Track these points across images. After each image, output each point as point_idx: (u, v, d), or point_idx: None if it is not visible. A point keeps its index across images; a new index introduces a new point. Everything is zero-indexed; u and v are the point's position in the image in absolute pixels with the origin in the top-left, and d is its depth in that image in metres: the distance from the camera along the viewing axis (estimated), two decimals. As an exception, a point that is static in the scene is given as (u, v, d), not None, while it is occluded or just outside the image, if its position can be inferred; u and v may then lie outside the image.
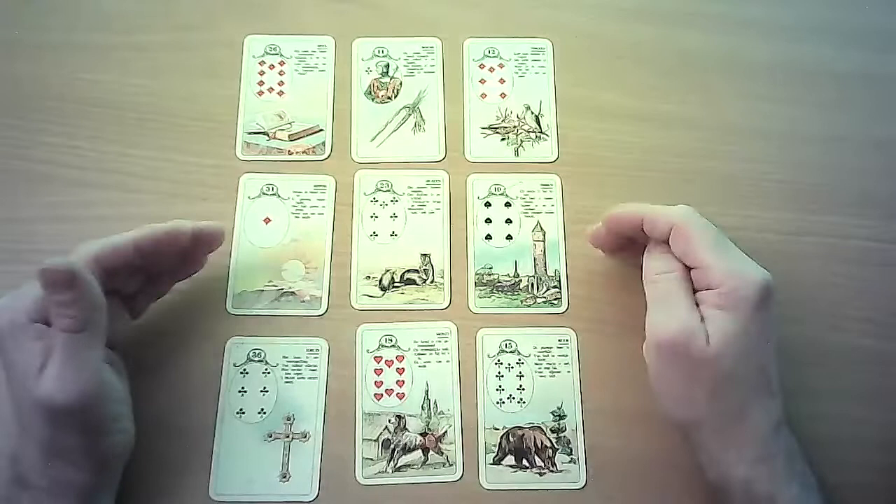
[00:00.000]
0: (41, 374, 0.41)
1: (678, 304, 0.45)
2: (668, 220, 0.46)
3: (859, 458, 0.50)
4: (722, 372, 0.43)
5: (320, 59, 0.61)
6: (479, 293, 0.54)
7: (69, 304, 0.41)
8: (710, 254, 0.45)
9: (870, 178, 0.58)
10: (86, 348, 0.42)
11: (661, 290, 0.46)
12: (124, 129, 0.58)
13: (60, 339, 0.41)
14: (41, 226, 0.54)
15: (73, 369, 0.41)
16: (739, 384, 0.44)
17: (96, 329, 0.43)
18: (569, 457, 0.50)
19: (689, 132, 0.59)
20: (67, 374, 0.41)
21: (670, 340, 0.44)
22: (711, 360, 0.43)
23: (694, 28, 0.63)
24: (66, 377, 0.41)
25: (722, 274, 0.44)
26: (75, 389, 0.41)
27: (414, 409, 0.51)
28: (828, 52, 0.62)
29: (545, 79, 0.61)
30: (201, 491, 0.48)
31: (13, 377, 0.43)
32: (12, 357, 0.42)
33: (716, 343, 0.43)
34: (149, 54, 0.60)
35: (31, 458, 0.42)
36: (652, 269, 0.47)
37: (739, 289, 0.44)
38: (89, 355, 0.42)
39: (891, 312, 0.54)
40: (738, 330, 0.43)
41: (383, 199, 0.56)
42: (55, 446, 0.42)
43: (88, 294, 0.42)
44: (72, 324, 0.41)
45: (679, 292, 0.45)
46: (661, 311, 0.45)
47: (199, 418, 0.50)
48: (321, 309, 0.53)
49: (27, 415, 0.42)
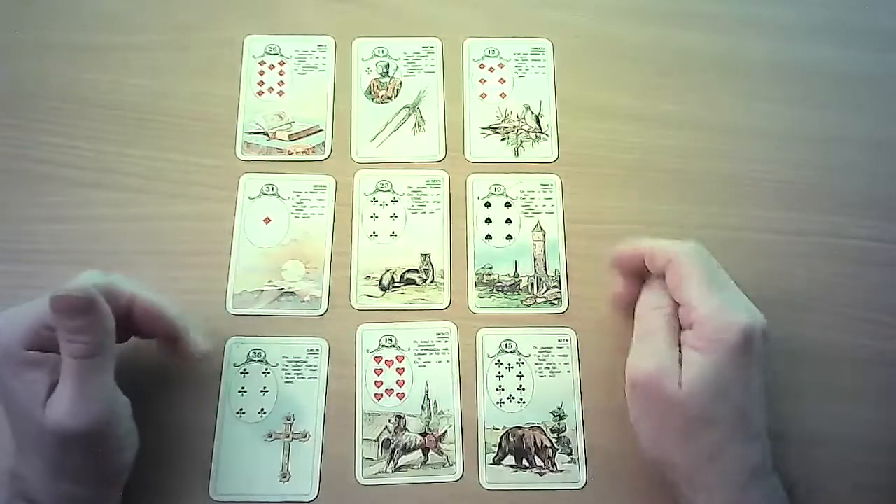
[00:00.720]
0: (49, 402, 0.41)
1: (658, 343, 0.44)
2: (666, 255, 0.46)
3: (859, 458, 0.50)
4: (693, 414, 0.43)
5: (320, 59, 0.61)
6: (479, 293, 0.54)
7: (83, 330, 0.41)
8: (698, 292, 0.44)
9: (870, 178, 0.58)
10: (98, 374, 0.42)
11: (647, 326, 0.46)
12: (124, 129, 0.58)
13: (72, 365, 0.41)
14: (41, 226, 0.54)
15: (87, 396, 0.41)
16: (712, 427, 0.43)
17: (108, 353, 0.42)
18: (569, 457, 0.50)
19: (689, 132, 0.59)
20: (81, 401, 0.41)
21: (644, 379, 0.44)
22: (682, 402, 0.42)
23: (694, 28, 0.63)
24: (79, 403, 0.40)
25: (705, 314, 0.43)
26: (88, 416, 0.41)
27: (414, 409, 0.51)
28: (828, 52, 0.62)
29: (545, 79, 0.61)
30: (201, 491, 0.48)
31: (13, 406, 0.42)
32: (10, 385, 0.42)
33: (687, 386, 0.42)
34: (149, 54, 0.60)
35: (37, 477, 0.42)
36: (643, 303, 0.47)
37: (719, 331, 0.43)
38: (102, 380, 0.42)
39: (891, 312, 0.54)
40: (713, 373, 0.42)
41: (383, 199, 0.56)
42: (65, 468, 0.42)
43: (101, 320, 0.42)
44: (85, 350, 0.41)
45: (663, 330, 0.45)
46: (641, 348, 0.45)
47: (199, 418, 0.50)
48: (321, 309, 0.53)
49: (33, 440, 0.42)
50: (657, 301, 0.46)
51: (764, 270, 0.47)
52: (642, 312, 0.47)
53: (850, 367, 0.52)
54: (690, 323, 0.44)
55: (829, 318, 0.54)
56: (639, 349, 0.45)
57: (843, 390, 0.52)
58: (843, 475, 0.48)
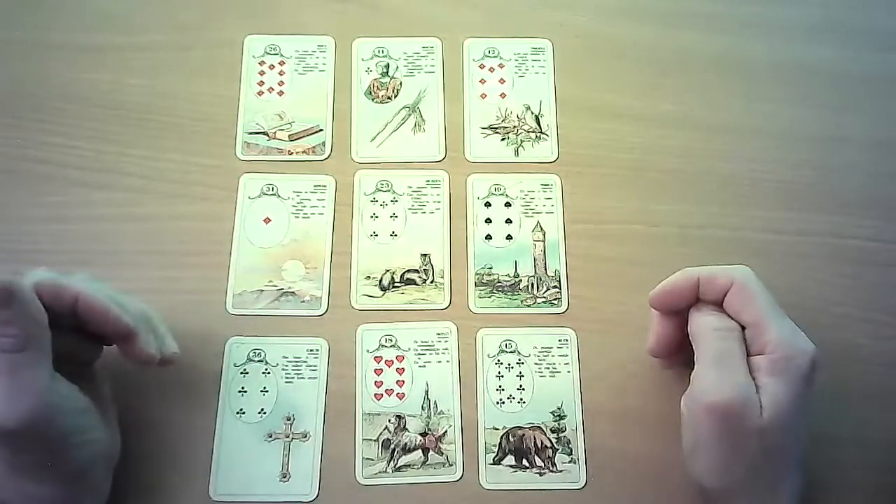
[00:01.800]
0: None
1: (736, 368, 0.43)
2: (730, 278, 0.45)
3: (859, 458, 0.50)
4: (770, 443, 0.42)
5: (320, 59, 0.61)
6: (479, 293, 0.54)
7: (9, 322, 0.39)
8: (768, 315, 0.43)
9: (870, 178, 0.58)
10: (28, 367, 0.40)
11: (719, 348, 0.44)
12: (124, 129, 0.58)
13: (1, 360, 0.39)
14: (41, 226, 0.54)
15: (16, 391, 0.39)
16: (779, 458, 0.43)
17: (40, 347, 0.41)
18: (569, 457, 0.50)
19: (689, 132, 0.59)
20: (10, 397, 0.39)
21: (725, 406, 0.42)
22: (763, 431, 0.41)
23: (694, 28, 0.63)
24: (8, 400, 0.39)
25: (777, 339, 0.43)
26: (19, 412, 0.39)
27: (414, 409, 0.51)
28: (828, 52, 0.62)
29: (545, 79, 0.61)
30: (201, 491, 0.48)
31: None
32: None
33: (768, 414, 0.41)
34: (149, 54, 0.60)
35: (4, 481, 0.41)
36: (708, 324, 0.45)
37: (793, 357, 0.42)
38: (33, 374, 0.40)
39: (891, 312, 0.54)
40: (790, 401, 0.42)
41: (383, 199, 0.56)
42: (22, 467, 0.41)
43: (28, 312, 0.40)
44: (12, 343, 0.39)
45: (738, 354, 0.43)
46: (717, 372, 0.43)
47: (199, 418, 0.50)
48: (321, 309, 0.53)
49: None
50: (723, 322, 0.45)
51: (764, 270, 0.47)
52: (704, 334, 0.45)
53: (850, 367, 0.52)
54: (761, 347, 0.43)
55: (829, 318, 0.54)
56: (713, 371, 0.43)
57: (843, 390, 0.52)
58: (843, 475, 0.48)
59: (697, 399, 0.43)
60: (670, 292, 0.47)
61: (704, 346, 0.44)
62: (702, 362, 0.44)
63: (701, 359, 0.44)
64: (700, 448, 0.44)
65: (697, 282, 0.46)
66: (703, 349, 0.44)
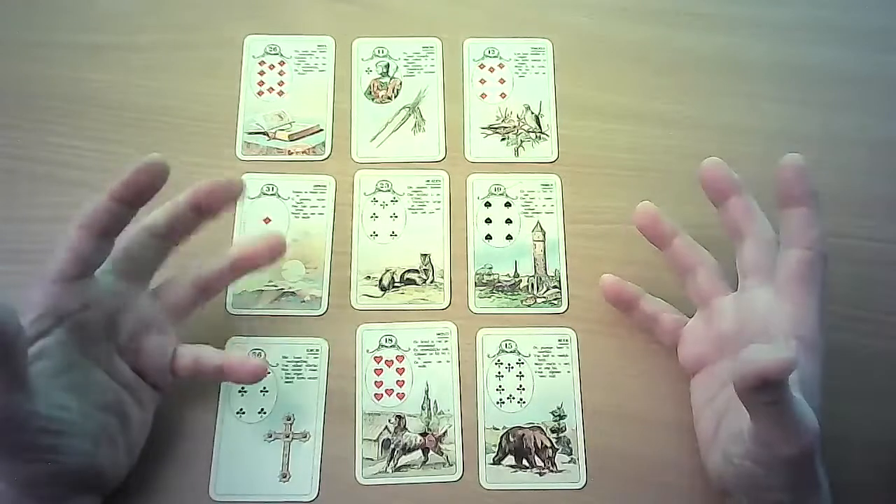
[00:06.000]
0: None
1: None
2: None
3: (859, 458, 0.50)
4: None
5: (320, 59, 0.61)
6: (479, 293, 0.54)
7: None
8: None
9: (870, 177, 0.58)
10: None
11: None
12: (124, 129, 0.58)
13: None
14: (42, 226, 0.54)
15: None
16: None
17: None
18: (569, 457, 0.50)
19: (689, 132, 0.59)
20: None
21: (812, 441, 0.41)
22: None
23: (694, 28, 0.63)
24: None
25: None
26: None
27: (414, 409, 0.51)
28: (828, 52, 0.62)
29: (545, 79, 0.61)
30: (201, 491, 0.48)
31: None
32: None
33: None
34: (149, 54, 0.60)
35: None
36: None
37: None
38: None
39: (891, 312, 0.54)
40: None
41: (383, 199, 0.56)
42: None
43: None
44: None
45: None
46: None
47: (199, 418, 0.50)
48: (321, 309, 0.53)
49: None
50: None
51: (764, 270, 0.47)
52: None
53: (850, 367, 0.52)
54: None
55: (829, 318, 0.53)
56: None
57: (843, 390, 0.51)
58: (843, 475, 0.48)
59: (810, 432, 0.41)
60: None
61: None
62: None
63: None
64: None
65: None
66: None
